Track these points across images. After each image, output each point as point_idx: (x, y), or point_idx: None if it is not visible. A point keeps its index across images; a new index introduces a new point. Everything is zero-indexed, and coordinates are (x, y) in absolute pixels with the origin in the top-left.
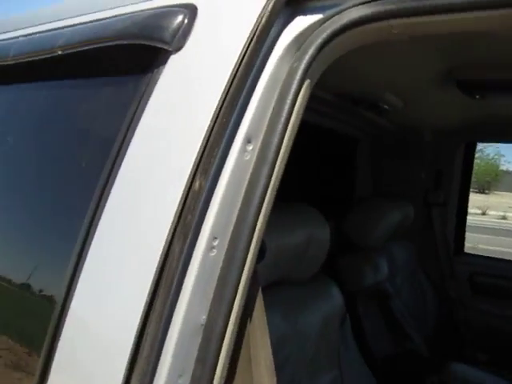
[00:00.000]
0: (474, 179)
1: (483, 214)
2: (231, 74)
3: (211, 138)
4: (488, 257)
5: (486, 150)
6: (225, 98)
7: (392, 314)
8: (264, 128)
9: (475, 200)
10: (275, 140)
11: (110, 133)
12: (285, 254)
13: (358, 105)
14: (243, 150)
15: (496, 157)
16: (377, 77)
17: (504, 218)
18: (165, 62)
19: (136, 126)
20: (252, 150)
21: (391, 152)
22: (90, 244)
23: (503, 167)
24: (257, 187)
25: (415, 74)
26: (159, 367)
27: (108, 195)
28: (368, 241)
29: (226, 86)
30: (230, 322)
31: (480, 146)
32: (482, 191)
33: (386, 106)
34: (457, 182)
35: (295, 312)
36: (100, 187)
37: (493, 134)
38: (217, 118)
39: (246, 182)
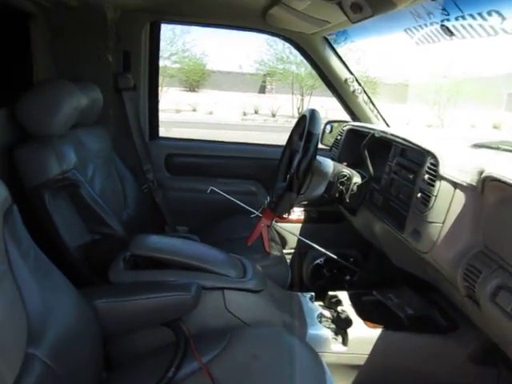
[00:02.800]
0: (184, 78)
1: (194, 110)
2: None
3: None
4: (180, 138)
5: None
6: None
7: (84, 203)
8: None
9: (186, 98)
10: None
11: None
12: None
13: None
14: None
15: (202, 56)
16: None
17: (211, 113)
18: None
19: None
20: None
21: (73, 30)
22: None
23: (208, 67)
24: None
25: None
26: None
27: None
28: (47, 129)
29: None
30: None
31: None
32: (192, 90)
33: None
34: (145, 64)
35: None
36: None
37: (175, 15)
38: None
39: None
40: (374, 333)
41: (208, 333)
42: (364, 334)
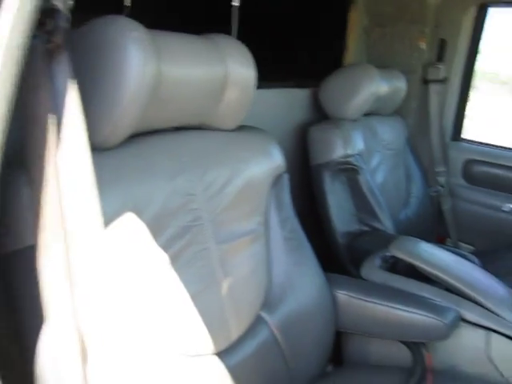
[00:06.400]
0: None
1: None
2: None
3: None
4: (488, 144)
5: None
6: None
7: (359, 190)
8: None
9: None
10: None
11: None
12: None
13: None
14: None
15: None
16: None
17: None
18: None
19: None
20: None
21: (390, 16)
22: None
23: None
24: None
25: None
26: None
27: None
28: (341, 112)
29: None
30: None
31: None
32: None
33: None
34: (462, 55)
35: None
36: None
37: None
38: None
39: None
40: None
41: (454, 373)
42: None
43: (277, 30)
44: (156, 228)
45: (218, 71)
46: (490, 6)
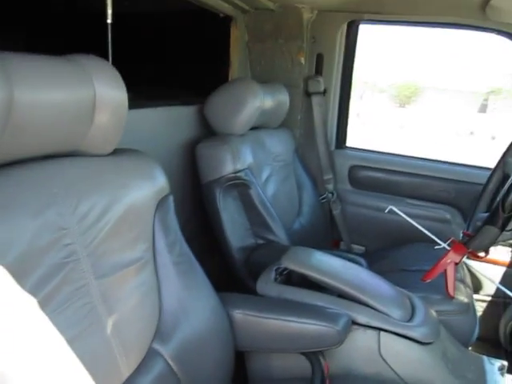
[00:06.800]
0: (395, 94)
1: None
2: None
3: None
4: (370, 150)
5: None
6: None
7: (251, 204)
8: None
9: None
10: None
11: None
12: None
13: None
14: None
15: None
16: None
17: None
18: None
19: None
20: None
21: (268, 33)
22: None
23: (422, 83)
24: None
25: None
26: None
27: None
28: (228, 127)
29: None
30: None
31: None
32: (402, 106)
33: None
34: (338, 68)
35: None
36: None
37: (377, 13)
38: None
39: None
40: None
41: (351, 377)
42: None
43: (159, 49)
44: (21, 270)
45: (84, 93)
46: (359, 23)
